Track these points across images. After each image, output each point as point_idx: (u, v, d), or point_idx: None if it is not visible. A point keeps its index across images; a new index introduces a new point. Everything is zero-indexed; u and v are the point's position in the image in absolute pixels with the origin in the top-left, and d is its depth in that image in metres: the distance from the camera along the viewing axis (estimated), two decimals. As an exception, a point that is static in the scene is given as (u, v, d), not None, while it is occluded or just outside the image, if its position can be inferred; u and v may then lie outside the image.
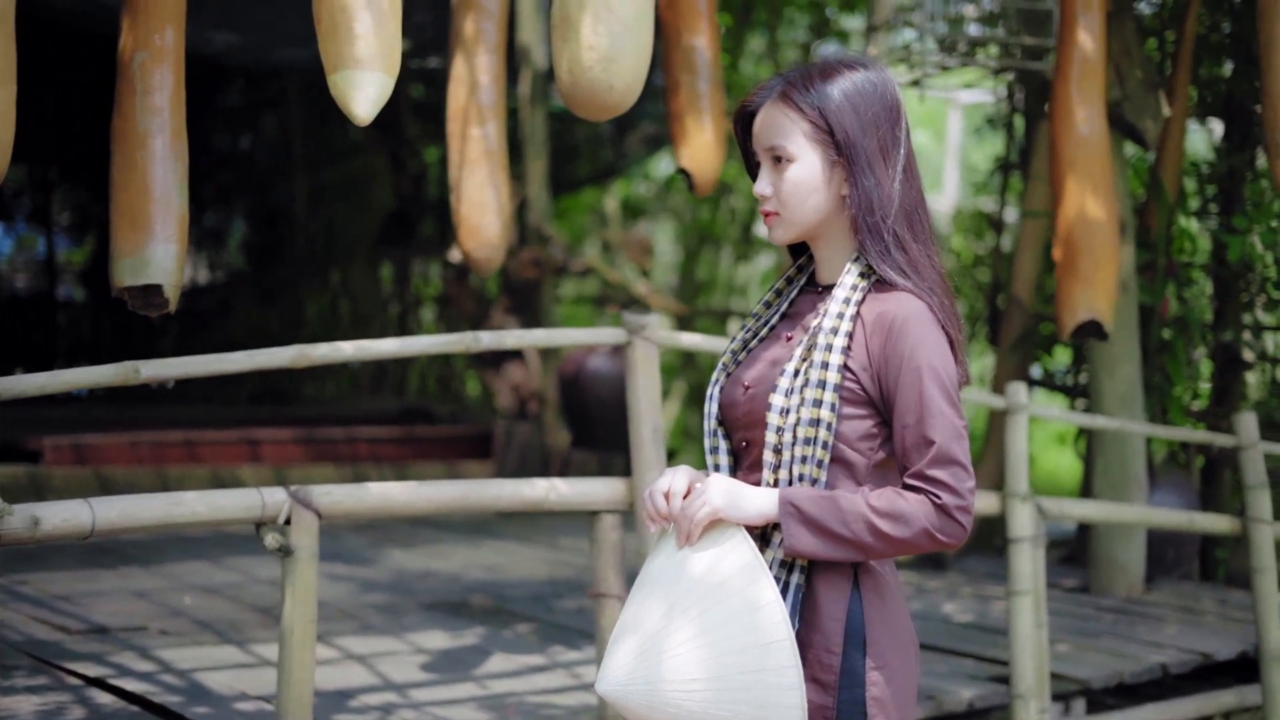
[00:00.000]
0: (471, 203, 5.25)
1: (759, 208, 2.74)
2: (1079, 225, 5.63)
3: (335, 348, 3.98)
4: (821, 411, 2.59)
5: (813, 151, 2.67)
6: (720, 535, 2.58)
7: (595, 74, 3.79)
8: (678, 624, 2.53)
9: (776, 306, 2.83)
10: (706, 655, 2.51)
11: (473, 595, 6.69)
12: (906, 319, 2.61)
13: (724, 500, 2.58)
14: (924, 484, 2.56)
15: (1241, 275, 7.64)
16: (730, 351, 2.81)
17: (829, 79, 2.68)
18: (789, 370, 2.63)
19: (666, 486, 2.65)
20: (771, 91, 2.72)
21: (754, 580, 2.53)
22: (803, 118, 2.67)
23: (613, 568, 4.38)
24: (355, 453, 9.66)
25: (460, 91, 5.26)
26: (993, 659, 5.61)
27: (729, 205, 14.35)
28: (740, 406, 2.71)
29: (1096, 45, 5.71)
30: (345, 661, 5.31)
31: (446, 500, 4.12)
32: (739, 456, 2.74)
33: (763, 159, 2.72)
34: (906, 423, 2.59)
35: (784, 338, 2.74)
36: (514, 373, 9.98)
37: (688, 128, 5.69)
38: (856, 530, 2.54)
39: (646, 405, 4.44)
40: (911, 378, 2.58)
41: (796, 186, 2.68)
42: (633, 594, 2.66)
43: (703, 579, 2.55)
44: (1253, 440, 5.89)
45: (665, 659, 2.52)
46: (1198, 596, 7.08)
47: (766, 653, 2.49)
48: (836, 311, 2.64)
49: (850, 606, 2.61)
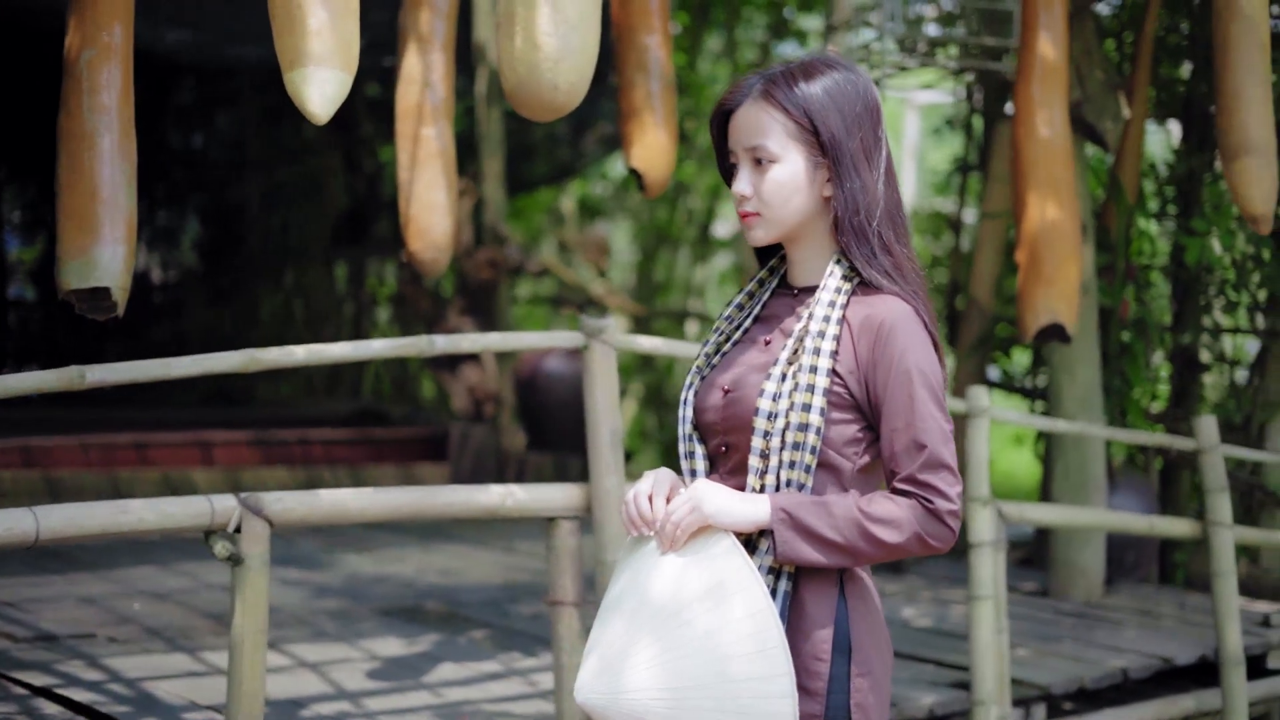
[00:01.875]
0: (420, 203, 5.17)
1: (738, 208, 2.68)
2: (1041, 227, 5.59)
3: (287, 352, 3.90)
4: (810, 416, 2.55)
5: (796, 151, 2.63)
6: (708, 541, 2.53)
7: (540, 74, 3.70)
8: (664, 634, 2.49)
9: (748, 309, 2.79)
10: (698, 663, 2.46)
11: (427, 601, 6.60)
12: (895, 323, 2.58)
13: (714, 506, 2.53)
14: (915, 488, 2.54)
15: (1199, 278, 7.64)
16: (704, 355, 2.77)
17: (810, 78, 2.64)
18: (775, 374, 2.59)
19: (649, 490, 2.61)
20: (750, 90, 2.66)
21: (746, 587, 2.48)
22: (786, 117, 2.62)
23: (570, 574, 4.32)
24: (309, 455, 9.55)
25: (410, 90, 5.19)
26: (953, 664, 5.57)
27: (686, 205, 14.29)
28: (719, 410, 2.67)
29: (1058, 46, 5.67)
30: (297, 669, 5.22)
31: (400, 507, 4.05)
32: (715, 461, 2.70)
33: (742, 159, 2.67)
34: (896, 426, 2.56)
35: (761, 341, 2.71)
36: (469, 374, 9.89)
37: (639, 128, 5.62)
38: (849, 536, 2.51)
39: (605, 409, 4.38)
40: (901, 381, 2.56)
41: (780, 187, 2.64)
42: (612, 602, 2.60)
43: (691, 586, 2.51)
44: (1213, 444, 5.87)
45: (657, 668, 2.48)
46: (1157, 600, 7.06)
47: (760, 660, 2.45)
48: (823, 314, 2.60)
49: (837, 613, 2.58)
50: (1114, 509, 7.00)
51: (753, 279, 2.82)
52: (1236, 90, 5.30)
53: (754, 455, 2.58)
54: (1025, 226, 5.67)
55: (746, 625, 2.46)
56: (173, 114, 14.51)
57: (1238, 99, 5.30)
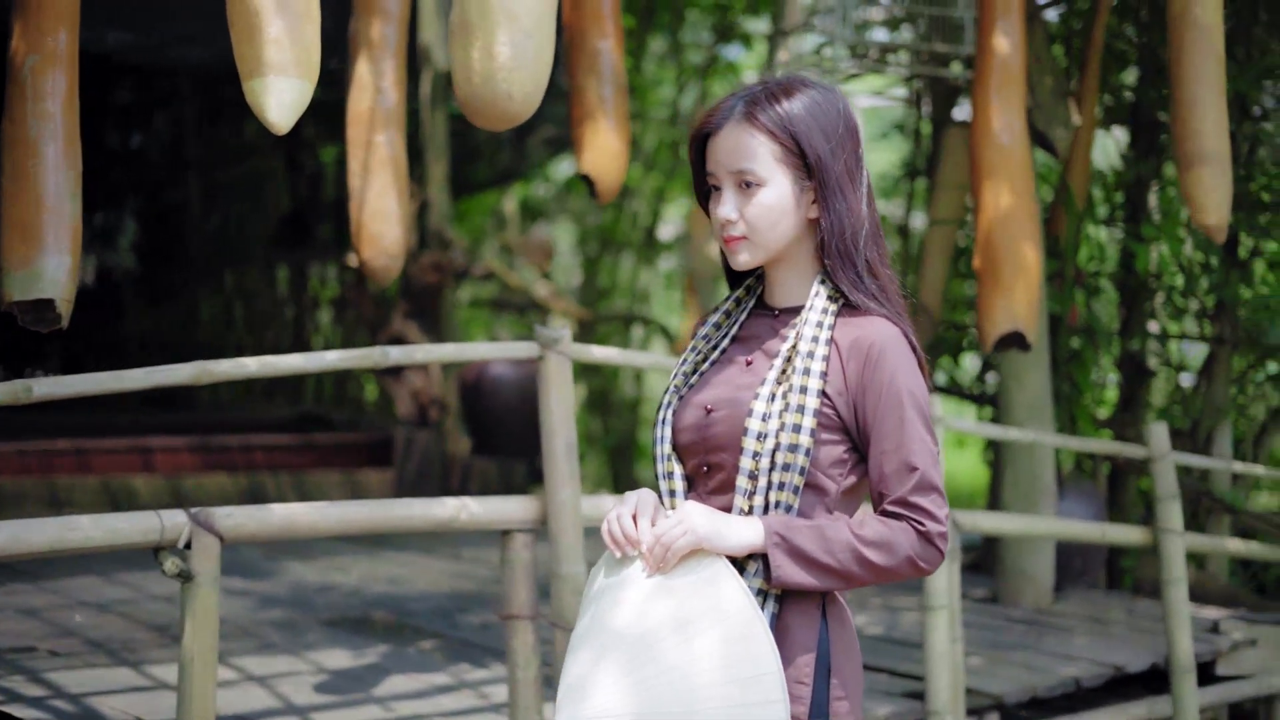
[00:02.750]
0: (372, 210, 5.11)
1: (722, 232, 2.64)
2: (1000, 234, 5.57)
3: (239, 364, 3.83)
4: (800, 436, 2.52)
5: (783, 174, 2.61)
6: (699, 564, 2.49)
7: (495, 82, 3.65)
8: (655, 655, 2.44)
9: (725, 329, 2.76)
10: (689, 687, 2.42)
11: (374, 611, 6.53)
12: (885, 345, 2.57)
13: (707, 529, 2.49)
14: (907, 511, 2.52)
15: (1146, 284, 7.66)
16: (681, 374, 2.73)
17: (792, 99, 2.61)
18: (763, 393, 2.56)
19: (632, 510, 2.58)
20: (732, 112, 2.63)
21: (740, 610, 2.45)
22: (772, 140, 2.60)
23: (525, 588, 4.26)
24: (251, 461, 9.44)
25: (362, 96, 5.12)
26: (906, 674, 5.55)
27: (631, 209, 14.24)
28: (701, 430, 2.63)
29: (1016, 52, 5.66)
30: (244, 683, 5.14)
31: (353, 521, 3.98)
32: (693, 481, 2.67)
33: (726, 182, 2.63)
34: (886, 449, 2.54)
35: (741, 361, 2.68)
36: (414, 379, 9.81)
37: (591, 132, 5.57)
38: (843, 560, 2.49)
39: (560, 420, 4.33)
40: (892, 404, 2.54)
41: (768, 211, 2.61)
42: (595, 625, 2.55)
43: (682, 609, 2.46)
44: (1164, 451, 5.87)
45: (644, 691, 2.43)
46: (1106, 606, 7.07)
47: (754, 686, 2.42)
48: (811, 335, 2.58)
49: (819, 636, 2.56)
50: (1063, 515, 7.01)
51: (728, 299, 2.80)
52: (1191, 99, 5.30)
53: (742, 475, 2.55)
54: (983, 233, 5.65)
55: (743, 650, 2.43)
56: (111, 114, 14.35)
57: (1192, 108, 5.30)
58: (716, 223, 2.66)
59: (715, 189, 2.66)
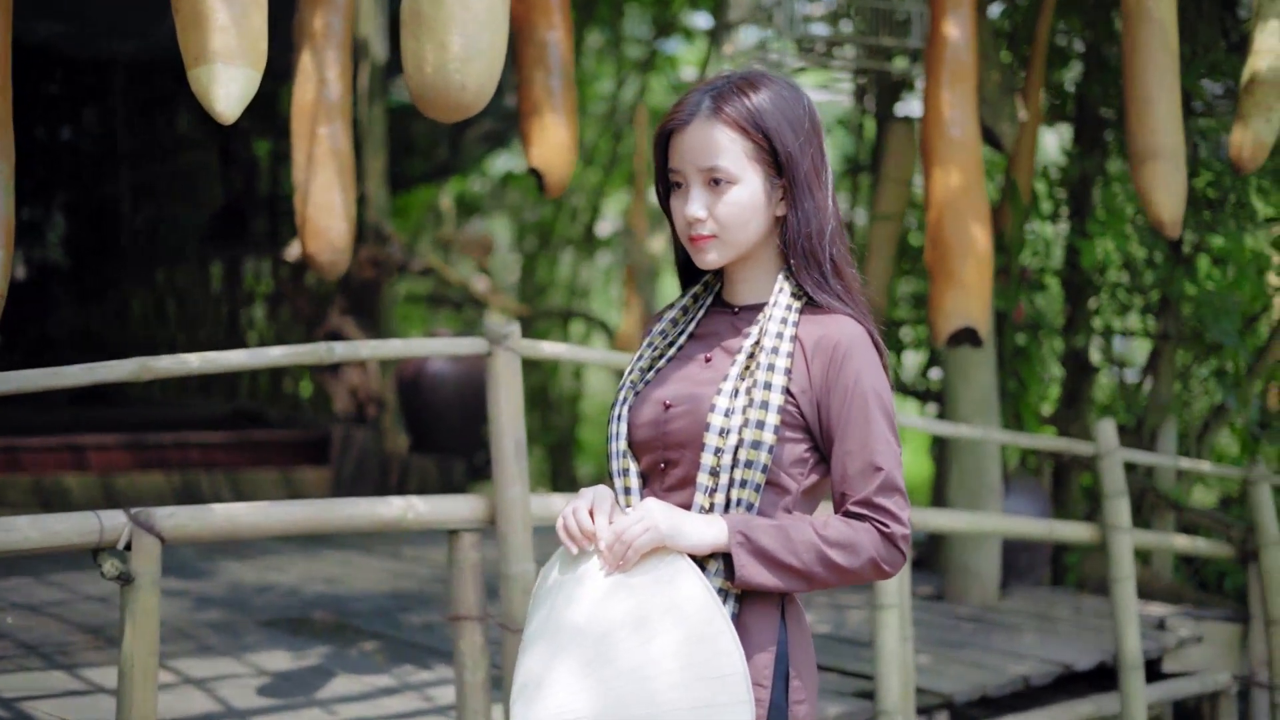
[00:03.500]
0: (317, 204, 5.00)
1: (690, 231, 2.58)
2: (952, 229, 5.53)
3: (180, 360, 3.72)
4: (763, 434, 2.47)
5: (754, 172, 2.55)
6: (659, 562, 2.43)
7: (448, 73, 3.56)
8: (615, 657, 2.37)
9: (682, 325, 2.71)
10: (651, 688, 2.36)
11: (314, 611, 6.41)
12: (850, 344, 2.52)
13: (670, 527, 2.43)
14: (871, 512, 2.48)
15: (1091, 280, 7.66)
16: (637, 370, 2.67)
17: (759, 94, 2.56)
18: (726, 389, 2.51)
19: (588, 505, 2.51)
20: (699, 107, 2.57)
21: (703, 608, 2.39)
22: (743, 136, 2.54)
23: (473, 588, 4.18)
24: (185, 459, 9.28)
25: (306, 88, 5.01)
26: (855, 673, 5.50)
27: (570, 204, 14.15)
28: (660, 425, 2.58)
29: (967, 44, 5.62)
30: (183, 686, 5.02)
31: (298, 521, 3.88)
32: (649, 478, 2.61)
33: (693, 179, 2.57)
34: (849, 449, 2.49)
35: (700, 358, 2.63)
36: (351, 375, 9.67)
37: (539, 126, 5.49)
38: (807, 561, 2.44)
39: (509, 417, 4.24)
40: (858, 403, 2.49)
41: (740, 209, 2.55)
42: (549, 625, 2.47)
43: (643, 608, 2.40)
44: (1111, 448, 5.86)
45: (604, 691, 2.36)
46: (1052, 603, 7.06)
47: (719, 686, 2.36)
48: (775, 331, 2.53)
49: (779, 637, 2.51)
50: (1008, 512, 6.99)
51: (686, 295, 2.75)
52: (1144, 94, 5.27)
53: (703, 473, 2.50)
54: (934, 228, 5.61)
55: (708, 650, 2.37)
56: (41, 107, 14.11)
57: (1146, 103, 5.27)
58: (682, 221, 2.59)
59: (679, 186, 2.60)
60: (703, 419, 2.51)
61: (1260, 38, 5.41)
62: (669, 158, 2.61)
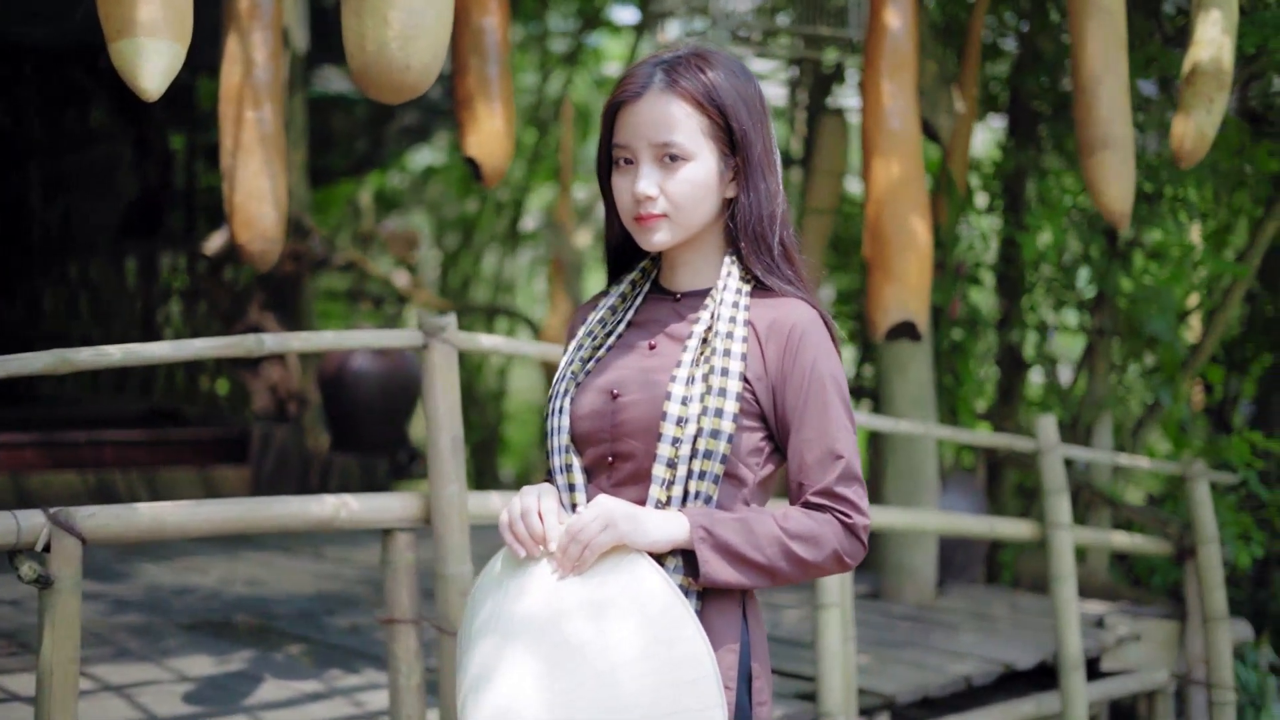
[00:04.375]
0: (246, 191, 4.80)
1: (639, 210, 2.44)
2: (891, 222, 5.42)
3: (100, 352, 3.54)
4: (722, 422, 2.35)
5: (709, 150, 2.44)
6: (618, 563, 2.29)
7: (391, 51, 3.41)
8: (577, 664, 2.23)
9: (621, 313, 2.58)
10: (617, 695, 2.22)
11: (236, 614, 6.22)
12: (805, 329, 2.42)
13: (629, 524, 2.29)
14: (832, 502, 2.38)
15: (1025, 276, 7.60)
16: (578, 360, 2.53)
17: (714, 69, 2.45)
18: (681, 376, 2.38)
19: (536, 506, 2.34)
20: (651, 80, 2.43)
21: (669, 609, 2.26)
22: (700, 112, 2.42)
23: (407, 590, 4.01)
24: (100, 457, 9.02)
25: (234, 71, 4.82)
26: (794, 674, 5.40)
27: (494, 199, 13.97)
28: (608, 416, 2.44)
29: (908, 35, 5.51)
30: (102, 694, 4.82)
31: (226, 520, 3.70)
32: (594, 473, 2.47)
33: (644, 156, 2.43)
34: (808, 436, 2.38)
35: (644, 345, 2.50)
36: (271, 372, 9.45)
37: (476, 114, 5.34)
38: (770, 555, 2.32)
39: (445, 413, 4.07)
40: (816, 389, 2.39)
41: (695, 188, 2.43)
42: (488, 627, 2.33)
43: (600, 606, 2.26)
44: (1052, 444, 5.79)
45: (577, 702, 2.22)
46: (989, 601, 6.99)
47: (691, 691, 2.23)
48: (728, 316, 2.41)
49: (741, 637, 2.40)
50: (944, 509, 6.92)
51: (624, 281, 2.62)
52: (1094, 84, 5.18)
53: (660, 464, 2.37)
54: (873, 221, 5.50)
55: (676, 653, 2.24)
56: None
57: (1095, 93, 5.18)
58: (629, 198, 2.46)
59: (626, 162, 2.46)
60: (658, 408, 2.39)
61: (1201, 28, 5.34)
62: (615, 132, 2.48)
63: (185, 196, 12.42)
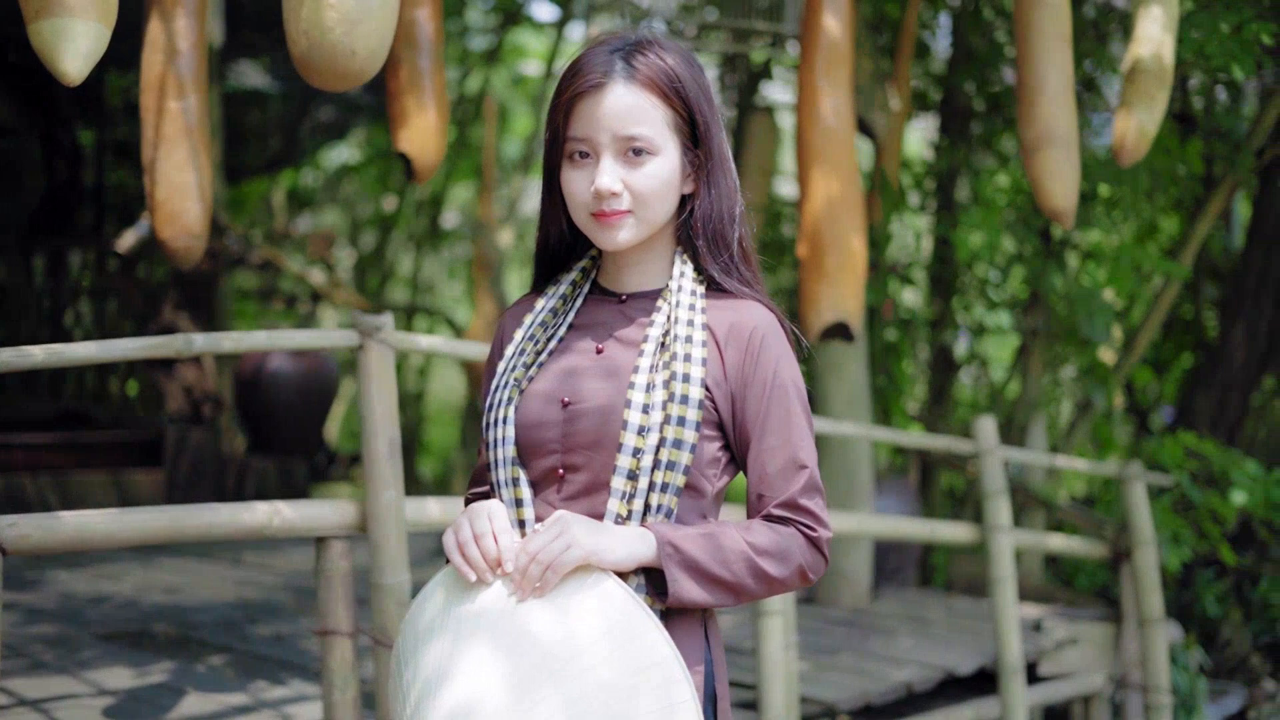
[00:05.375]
0: (169, 185, 4.61)
1: (602, 206, 2.30)
2: (825, 221, 5.32)
3: (22, 352, 3.35)
4: (685, 431, 2.22)
5: (673, 143, 2.31)
6: (580, 583, 2.14)
7: (334, 38, 3.26)
8: (544, 694, 2.08)
9: (562, 315, 2.43)
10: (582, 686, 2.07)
11: (155, 623, 6.02)
12: (766, 333, 2.30)
13: (592, 543, 2.15)
14: (795, 514, 2.26)
15: (959, 276, 7.55)
16: (521, 366, 2.37)
17: (672, 58, 2.32)
18: (639, 383, 2.23)
19: (488, 529, 2.19)
20: (612, 70, 2.28)
21: (641, 634, 2.11)
22: (665, 103, 2.28)
23: (343, 600, 3.86)
24: (8, 461, 8.75)
25: (156, 60, 4.62)
26: (734, 682, 5.28)
27: (413, 197, 13.77)
28: (559, 426, 2.29)
29: (844, 31, 5.41)
30: (17, 709, 4.62)
31: (154, 530, 3.53)
32: (539, 486, 2.31)
33: (607, 149, 2.29)
34: (771, 445, 2.26)
35: (590, 350, 2.35)
36: (186, 373, 9.22)
37: (408, 108, 5.20)
38: (738, 572, 2.20)
39: (382, 416, 3.92)
40: (779, 396, 2.27)
41: (662, 184, 2.30)
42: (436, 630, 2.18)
43: (570, 637, 2.10)
44: (991, 446, 5.71)
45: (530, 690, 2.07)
46: (924, 605, 6.92)
47: (660, 693, 2.09)
48: (686, 319, 2.28)
49: (705, 658, 2.28)
50: (878, 512, 6.84)
51: (563, 282, 2.46)
52: (1039, 80, 5.10)
53: (619, 477, 2.23)
54: (808, 220, 5.40)
55: (652, 678, 2.10)
56: None
57: (1040, 90, 5.11)
58: (586, 195, 2.31)
59: (583, 155, 2.31)
60: (615, 416, 2.24)
61: (1142, 24, 5.30)
62: (572, 125, 2.32)
63: (95, 193, 12.13)
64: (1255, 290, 8.01)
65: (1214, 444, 7.30)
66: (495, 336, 2.51)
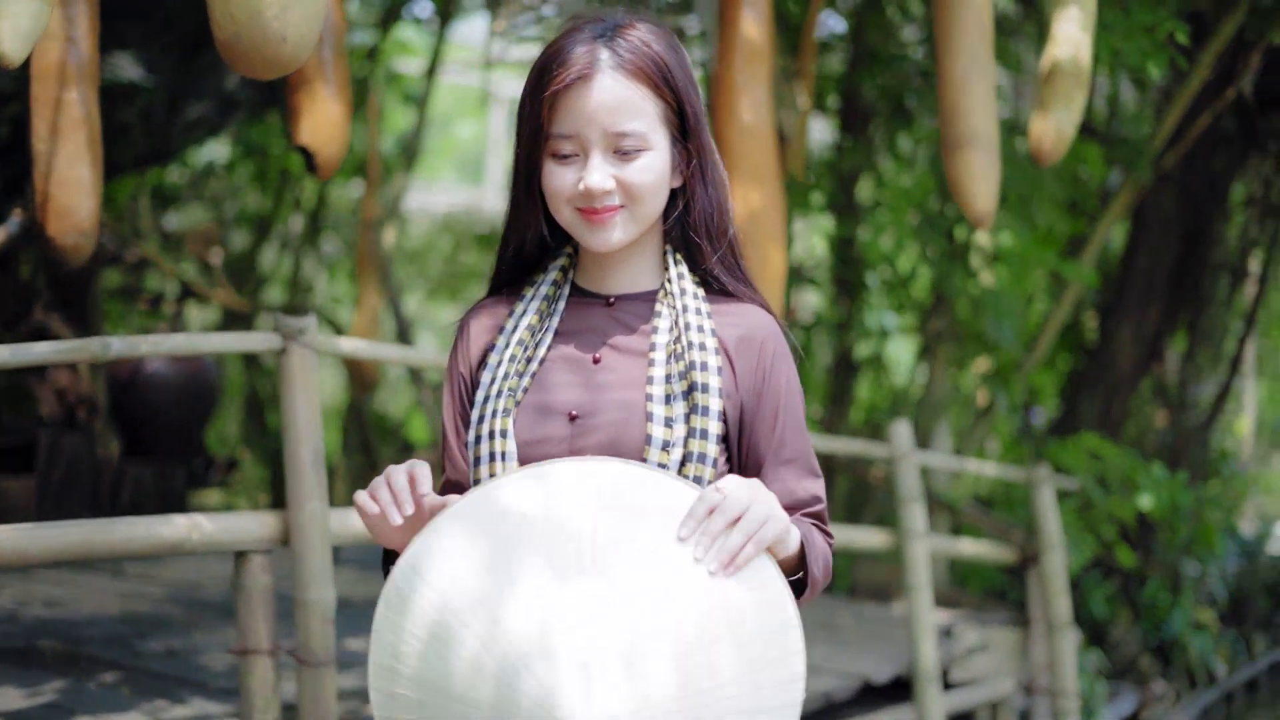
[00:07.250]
0: (61, 180, 4.37)
1: (593, 204, 2.15)
2: (746, 220, 5.19)
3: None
4: (709, 445, 2.11)
5: (664, 137, 2.18)
6: None
7: (264, 22, 3.08)
8: (710, 643, 1.91)
9: (547, 320, 2.27)
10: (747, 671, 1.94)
11: (39, 639, 5.73)
12: (776, 344, 2.22)
13: (783, 517, 1.99)
14: (819, 523, 2.22)
15: (862, 278, 7.50)
16: (514, 376, 2.20)
17: (658, 45, 2.18)
18: (657, 395, 2.10)
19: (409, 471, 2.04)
20: (597, 60, 2.13)
21: (781, 598, 1.95)
22: (655, 95, 2.15)
23: (263, 618, 3.68)
24: None
25: (51, 47, 4.37)
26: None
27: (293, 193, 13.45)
28: (566, 442, 2.13)
29: (762, 27, 5.29)
30: (-102, 737, 4.37)
31: (69, 545, 3.32)
32: None
33: (596, 145, 2.14)
34: (788, 458, 2.19)
35: (588, 359, 2.20)
36: (59, 376, 8.87)
37: (309, 99, 5.00)
38: (816, 573, 2.12)
39: (305, 423, 3.74)
40: (792, 408, 2.21)
41: (654, 178, 2.17)
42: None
43: (739, 599, 1.93)
44: (906, 450, 5.65)
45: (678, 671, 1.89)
46: (832, 611, 6.85)
47: (784, 665, 1.96)
48: (695, 325, 2.16)
49: None
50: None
51: (542, 283, 2.30)
52: (960, 78, 5.01)
53: None
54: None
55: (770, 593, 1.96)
56: None
57: (961, 88, 5.02)
58: (573, 193, 2.16)
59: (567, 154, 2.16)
60: (633, 431, 2.11)
61: (1058, 24, 5.24)
62: (555, 121, 2.16)
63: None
64: (1142, 294, 8.07)
65: (1111, 446, 7.32)
66: (456, 340, 2.34)
